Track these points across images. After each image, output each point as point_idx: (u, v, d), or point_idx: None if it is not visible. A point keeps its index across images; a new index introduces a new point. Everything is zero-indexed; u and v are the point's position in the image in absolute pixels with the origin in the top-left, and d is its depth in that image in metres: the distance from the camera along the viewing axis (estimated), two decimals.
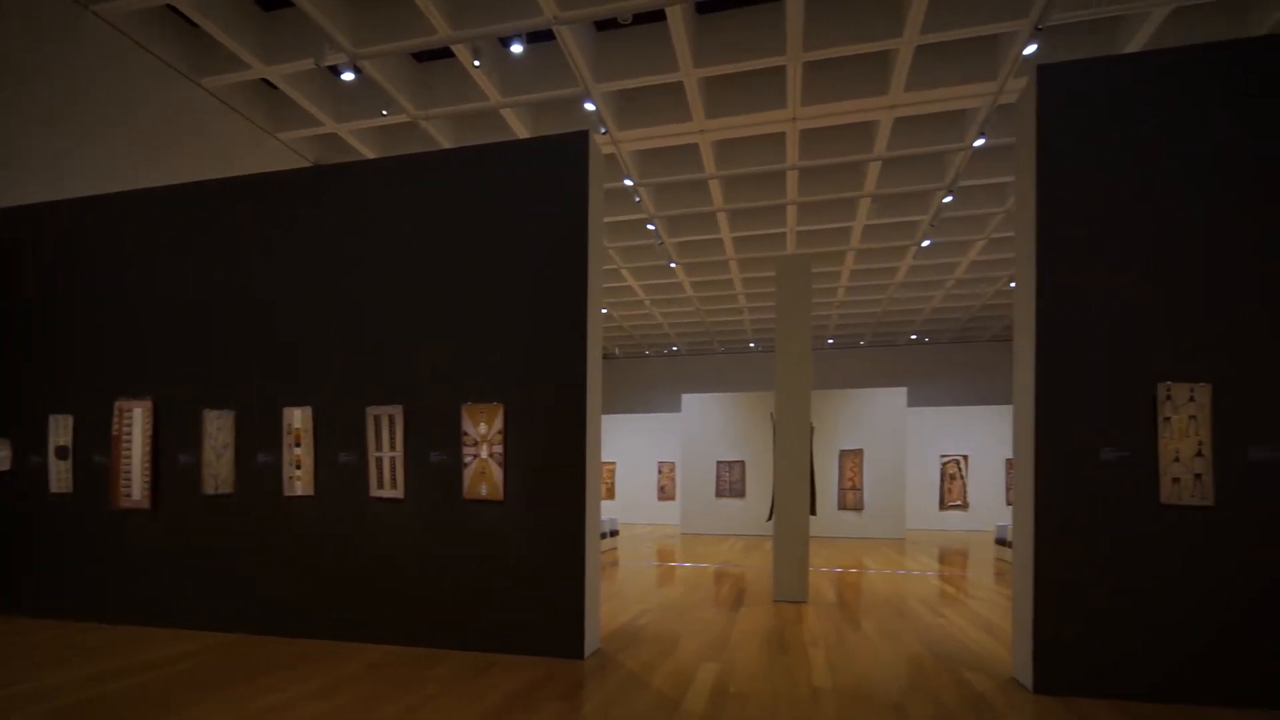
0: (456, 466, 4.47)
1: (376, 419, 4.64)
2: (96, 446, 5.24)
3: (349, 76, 6.83)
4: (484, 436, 4.42)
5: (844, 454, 13.46)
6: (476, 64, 6.62)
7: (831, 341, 19.24)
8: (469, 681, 3.73)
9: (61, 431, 5.31)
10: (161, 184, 5.43)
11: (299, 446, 4.79)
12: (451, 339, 4.58)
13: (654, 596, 6.63)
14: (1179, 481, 3.47)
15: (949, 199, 9.32)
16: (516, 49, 6.58)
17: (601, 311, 4.64)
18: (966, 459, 14.68)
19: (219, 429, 4.97)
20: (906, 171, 9.23)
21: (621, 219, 10.63)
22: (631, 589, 7.09)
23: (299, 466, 4.78)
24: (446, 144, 8.33)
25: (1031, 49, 5.97)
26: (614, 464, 16.31)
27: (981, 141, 7.76)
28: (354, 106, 7.95)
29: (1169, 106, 3.60)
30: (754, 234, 11.15)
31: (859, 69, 7.12)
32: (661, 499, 16.09)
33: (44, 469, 5.34)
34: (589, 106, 7.22)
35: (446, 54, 7.22)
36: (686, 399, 14.53)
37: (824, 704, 3.43)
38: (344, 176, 5.04)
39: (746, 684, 3.75)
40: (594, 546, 4.40)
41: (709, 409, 14.36)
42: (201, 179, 5.40)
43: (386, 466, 4.60)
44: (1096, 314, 3.62)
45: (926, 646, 4.66)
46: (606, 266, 12.63)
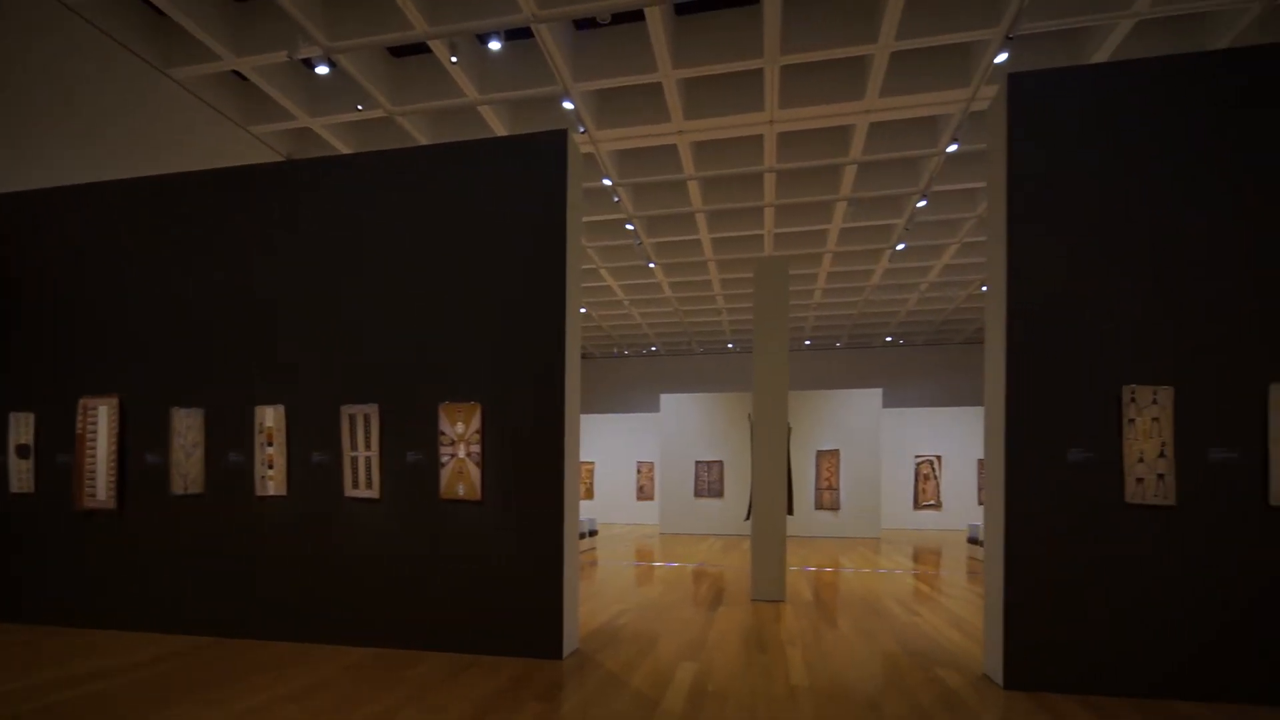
0: (433, 466, 4.43)
1: (351, 418, 4.58)
2: (60, 445, 5.09)
3: (323, 70, 6.72)
4: (461, 436, 4.38)
5: (820, 454, 13.60)
6: (454, 60, 6.56)
7: (809, 343, 19.41)
8: (447, 682, 3.70)
9: (23, 430, 5.16)
10: (123, 176, 5.29)
11: (271, 446, 4.71)
12: (428, 337, 4.54)
13: (633, 596, 6.63)
14: (1143, 481, 3.58)
15: (923, 203, 9.47)
16: (494, 46, 6.53)
17: (580, 311, 4.63)
18: (940, 459, 14.92)
19: (188, 427, 4.86)
20: (882, 176, 9.35)
21: (600, 219, 10.61)
22: (610, 589, 7.08)
23: (271, 466, 4.70)
24: (423, 140, 8.24)
25: (1003, 57, 6.10)
26: (593, 464, 16.28)
27: (954, 147, 7.90)
28: (329, 101, 7.81)
29: (1135, 115, 3.71)
30: (732, 235, 11.21)
31: (836, 74, 7.20)
32: (640, 499, 16.09)
33: (3, 468, 5.19)
34: (568, 105, 7.19)
35: (423, 49, 7.14)
36: (665, 399, 14.56)
37: (801, 702, 3.47)
38: (318, 172, 4.97)
39: (725, 683, 3.78)
40: (572, 546, 4.40)
41: (687, 409, 14.41)
42: (167, 171, 5.28)
43: (362, 466, 4.54)
44: (1065, 318, 3.72)
45: (901, 644, 4.73)
46: (585, 266, 12.60)
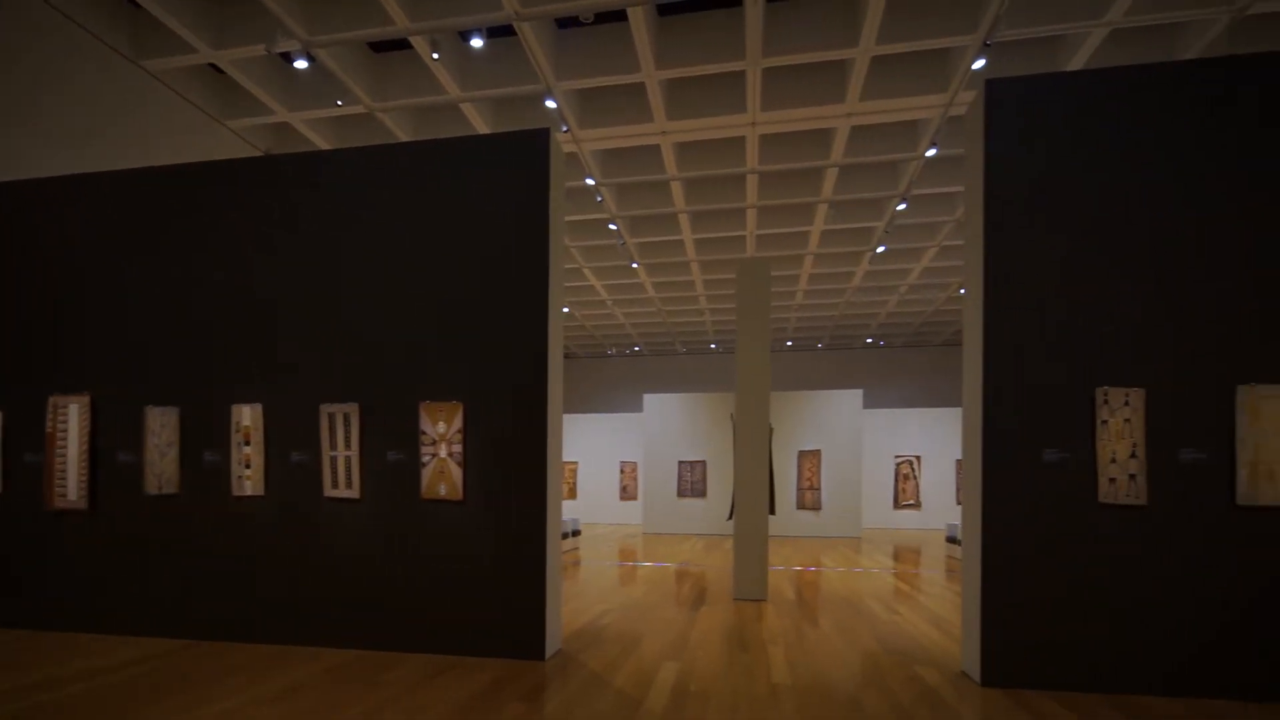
0: (414, 466, 4.40)
1: (331, 417, 4.53)
2: (29, 444, 4.97)
3: (302, 65, 6.62)
4: (443, 435, 4.35)
5: (802, 454, 13.70)
6: (435, 56, 6.50)
7: (790, 344, 19.54)
8: (429, 684, 3.67)
9: None
10: (95, 170, 5.18)
11: (249, 445, 4.64)
12: (409, 336, 4.50)
13: (616, 596, 6.63)
14: (1115, 481, 3.65)
15: (903, 206, 9.58)
16: (477, 43, 6.49)
17: (563, 310, 4.62)
18: (919, 459, 15.10)
19: (162, 426, 4.77)
20: (862, 179, 9.45)
21: (583, 218, 10.59)
22: (593, 589, 7.08)
23: (249, 465, 4.63)
24: (404, 137, 8.15)
25: (980, 64, 6.19)
26: (576, 464, 16.24)
27: (933, 152, 8.00)
28: (308, 95, 7.70)
29: (1110, 121, 3.78)
30: (715, 236, 11.25)
31: (817, 77, 7.26)
32: (623, 499, 16.08)
33: None
34: (550, 104, 7.16)
35: (405, 45, 7.07)
36: (648, 399, 14.58)
37: (783, 701, 3.49)
38: (295, 167, 4.90)
39: (707, 682, 3.79)
40: (555, 546, 4.38)
41: (671, 409, 14.43)
42: (141, 166, 5.17)
43: (341, 466, 4.49)
44: (1041, 321, 3.79)
45: (881, 642, 4.79)
46: (568, 265, 12.57)
